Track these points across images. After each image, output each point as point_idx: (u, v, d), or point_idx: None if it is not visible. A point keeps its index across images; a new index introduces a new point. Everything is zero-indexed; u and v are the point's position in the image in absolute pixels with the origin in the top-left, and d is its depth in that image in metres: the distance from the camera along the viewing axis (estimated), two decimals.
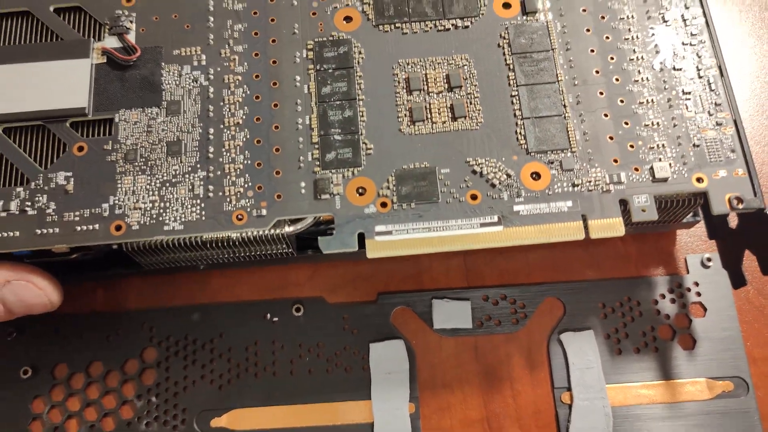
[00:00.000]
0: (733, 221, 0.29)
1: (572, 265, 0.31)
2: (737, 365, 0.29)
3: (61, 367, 0.30)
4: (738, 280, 0.28)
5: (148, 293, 0.31)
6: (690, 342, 0.30)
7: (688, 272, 0.31)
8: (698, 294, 0.30)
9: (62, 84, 0.28)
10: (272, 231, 0.26)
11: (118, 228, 0.26)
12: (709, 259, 0.31)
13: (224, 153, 0.27)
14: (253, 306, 0.31)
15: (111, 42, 0.29)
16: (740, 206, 0.25)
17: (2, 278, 0.26)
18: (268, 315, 0.30)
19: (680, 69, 0.27)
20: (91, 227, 0.26)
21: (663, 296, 0.30)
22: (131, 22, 0.29)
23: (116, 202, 0.26)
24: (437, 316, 0.30)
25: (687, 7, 0.28)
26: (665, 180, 0.26)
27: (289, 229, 0.26)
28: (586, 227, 0.25)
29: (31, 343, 0.30)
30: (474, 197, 0.26)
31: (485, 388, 0.29)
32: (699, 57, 0.28)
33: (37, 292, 0.26)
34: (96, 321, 0.31)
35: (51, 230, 0.26)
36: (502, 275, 0.31)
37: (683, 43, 0.28)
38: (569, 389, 0.29)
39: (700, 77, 0.27)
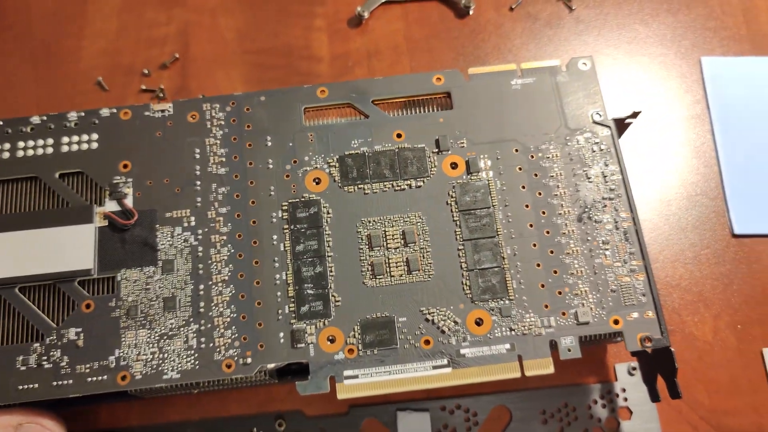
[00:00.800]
0: None
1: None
2: None
3: None
4: (654, 396, 0.33)
5: (147, 412, 0.36)
6: None
7: (616, 379, 0.36)
8: (625, 399, 0.35)
9: (70, 247, 0.32)
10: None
11: (124, 378, 0.30)
12: (634, 368, 0.36)
13: (213, 307, 0.31)
14: (241, 421, 0.35)
15: (111, 206, 0.33)
16: (649, 344, 0.30)
17: (16, 422, 0.30)
18: (254, 429, 0.35)
19: (600, 222, 0.32)
20: (100, 378, 0.30)
21: (595, 402, 0.35)
22: (129, 187, 0.33)
23: (121, 354, 0.30)
24: (401, 426, 0.35)
25: (606, 165, 0.33)
26: (587, 323, 0.31)
27: (270, 366, 0.31)
28: (521, 366, 0.30)
29: None
30: (427, 342, 0.31)
31: None
32: (616, 210, 0.33)
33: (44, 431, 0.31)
34: None
35: (65, 381, 0.30)
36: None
37: (603, 198, 0.33)
38: None
39: (617, 229, 0.32)
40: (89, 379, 0.30)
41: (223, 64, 0.42)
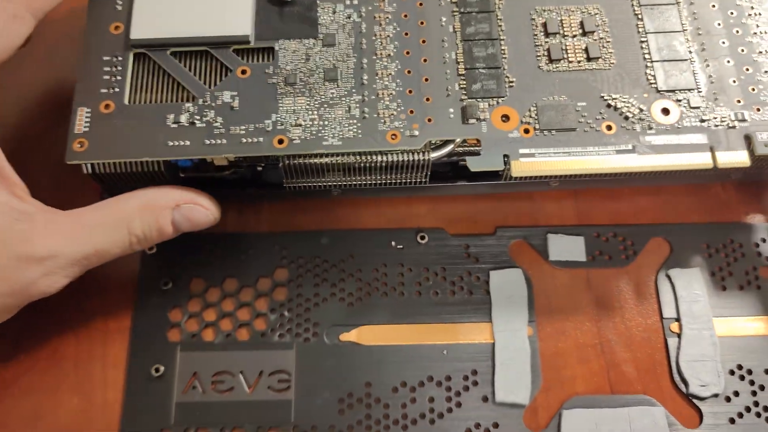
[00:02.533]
0: None
1: (677, 209, 0.33)
2: None
3: (197, 281, 0.32)
4: None
5: (279, 217, 0.33)
6: None
7: None
8: None
9: (227, 13, 0.30)
10: (421, 156, 0.28)
11: (281, 141, 0.28)
12: None
13: (377, 80, 0.29)
14: (379, 233, 0.33)
15: None
16: None
17: (173, 202, 0.28)
18: (393, 242, 0.33)
19: None
20: (255, 140, 0.28)
21: (764, 240, 0.33)
22: None
23: (278, 119, 0.28)
24: (553, 248, 0.32)
25: None
26: None
27: (434, 154, 0.29)
28: (714, 157, 0.28)
29: (170, 259, 0.32)
30: (609, 128, 0.28)
31: (597, 316, 0.31)
32: None
33: (204, 212, 0.29)
34: (230, 241, 0.33)
35: (219, 141, 0.28)
36: (610, 216, 0.33)
37: None
38: (678, 320, 0.31)
39: None
40: (244, 140, 0.28)
41: None
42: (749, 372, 0.30)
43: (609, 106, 0.29)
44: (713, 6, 0.31)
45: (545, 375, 0.30)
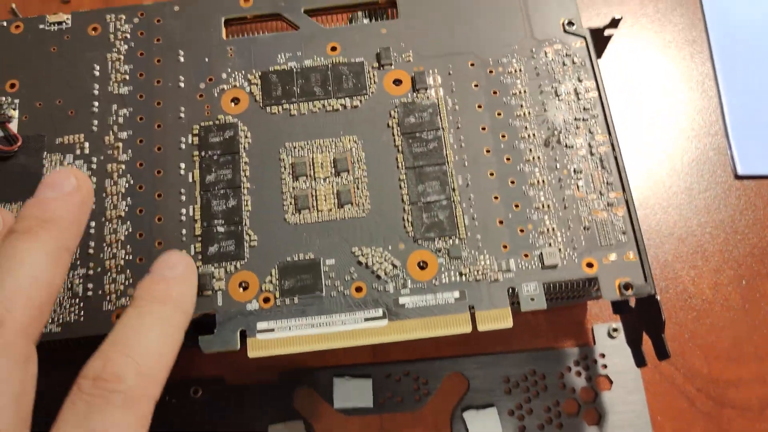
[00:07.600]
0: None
1: (480, 340, 0.31)
2: None
3: None
4: (639, 360, 0.27)
5: None
6: (595, 416, 0.29)
7: (594, 343, 0.30)
8: (604, 366, 0.30)
9: None
10: None
11: None
12: (615, 329, 0.30)
13: (105, 248, 0.26)
14: None
15: None
16: (630, 292, 0.25)
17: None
18: (167, 397, 0.30)
19: (572, 146, 0.27)
20: None
21: (569, 369, 0.30)
22: (14, 109, 0.28)
23: None
24: (338, 395, 0.30)
25: (580, 80, 0.28)
26: (555, 267, 0.25)
27: None
28: (473, 319, 0.25)
29: None
30: (359, 289, 0.25)
31: None
32: (591, 133, 0.27)
33: None
34: None
35: None
36: (407, 351, 0.31)
37: (575, 119, 0.27)
38: None
39: (591, 155, 0.27)
40: None
41: None
42: None
43: (360, 263, 0.26)
44: (483, 129, 0.27)
45: None
